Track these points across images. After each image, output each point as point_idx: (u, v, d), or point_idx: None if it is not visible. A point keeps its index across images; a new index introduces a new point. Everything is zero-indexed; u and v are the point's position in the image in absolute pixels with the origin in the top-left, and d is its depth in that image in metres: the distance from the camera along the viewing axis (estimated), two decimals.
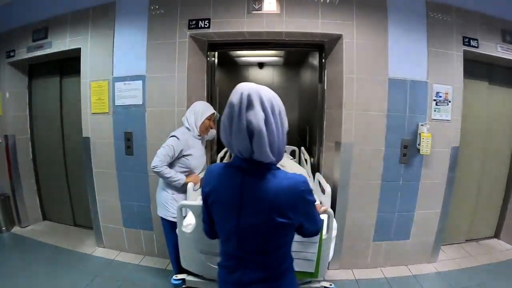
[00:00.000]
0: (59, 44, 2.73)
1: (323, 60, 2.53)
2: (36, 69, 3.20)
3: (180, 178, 1.92)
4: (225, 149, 2.88)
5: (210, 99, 2.71)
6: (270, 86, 4.00)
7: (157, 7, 2.40)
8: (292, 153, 3.34)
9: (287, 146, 3.42)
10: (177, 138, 1.93)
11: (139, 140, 2.50)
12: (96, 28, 2.59)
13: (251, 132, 0.84)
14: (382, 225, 2.48)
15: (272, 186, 0.88)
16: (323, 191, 2.06)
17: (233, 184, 0.92)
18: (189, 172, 2.01)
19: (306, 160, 2.85)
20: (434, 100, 2.38)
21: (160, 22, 2.41)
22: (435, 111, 2.39)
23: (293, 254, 1.05)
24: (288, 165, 2.69)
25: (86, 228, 3.14)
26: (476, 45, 2.45)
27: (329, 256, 1.51)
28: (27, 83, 3.25)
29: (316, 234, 1.07)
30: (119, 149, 2.57)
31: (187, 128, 2.04)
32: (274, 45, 2.55)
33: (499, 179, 2.97)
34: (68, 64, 2.92)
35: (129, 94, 2.51)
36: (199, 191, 1.93)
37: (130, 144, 2.53)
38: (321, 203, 1.96)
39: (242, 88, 0.87)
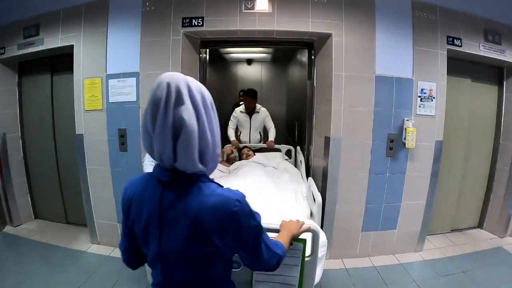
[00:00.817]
0: (51, 41, 2.75)
1: (313, 58, 2.65)
2: (27, 67, 3.21)
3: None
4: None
5: None
6: (259, 82, 4.10)
7: (150, 5, 2.47)
8: (288, 153, 3.48)
9: (283, 145, 3.26)
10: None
11: (133, 137, 2.57)
12: (89, 25, 2.63)
13: (177, 132, 0.69)
14: (370, 216, 2.62)
15: (194, 204, 0.71)
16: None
17: (152, 199, 0.76)
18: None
19: (301, 161, 2.92)
20: (419, 96, 2.53)
21: (154, 20, 2.47)
22: (420, 107, 2.54)
23: (271, 278, 0.98)
24: (282, 167, 2.78)
25: (79, 226, 3.18)
26: (459, 44, 2.61)
27: (316, 279, 1.35)
28: (17, 80, 3.25)
29: (266, 270, 0.87)
30: (113, 146, 2.63)
31: None
32: (265, 43, 2.66)
33: (481, 172, 3.16)
34: (60, 61, 2.94)
35: (123, 91, 2.57)
36: None
37: (124, 140, 2.59)
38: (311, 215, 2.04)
39: (167, 79, 0.70)
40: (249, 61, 5.30)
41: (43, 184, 3.35)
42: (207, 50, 2.77)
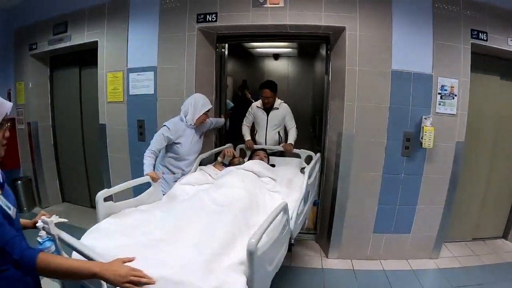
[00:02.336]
0: (78, 37, 3.03)
1: (329, 52, 2.67)
2: (57, 61, 3.55)
3: (145, 169, 2.04)
4: (225, 146, 2.76)
5: (220, 89, 2.93)
6: (285, 76, 4.16)
7: (167, 1, 2.63)
8: (308, 160, 2.75)
9: (303, 150, 2.75)
10: (168, 128, 2.19)
11: (150, 127, 2.76)
12: (111, 22, 2.85)
13: None
14: (382, 217, 2.59)
15: None
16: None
17: None
18: (178, 158, 2.29)
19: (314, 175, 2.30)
20: (439, 93, 2.45)
21: (171, 16, 2.63)
22: (439, 104, 2.46)
23: None
24: (285, 179, 2.24)
25: None
26: (485, 38, 2.48)
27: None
28: (49, 74, 3.60)
29: None
30: (132, 135, 2.84)
31: (182, 118, 2.29)
32: (280, 37, 2.72)
33: (508, 178, 2.98)
34: (87, 56, 3.21)
35: (142, 84, 2.77)
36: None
37: (143, 130, 2.80)
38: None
39: None
40: (276, 56, 5.37)
41: (71, 169, 3.69)
42: (226, 45, 2.88)
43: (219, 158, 2.56)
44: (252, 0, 2.42)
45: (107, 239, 1.32)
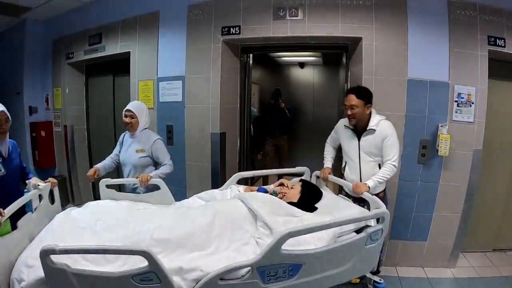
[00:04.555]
0: (111, 48, 3.41)
1: (348, 61, 2.87)
2: (92, 69, 3.97)
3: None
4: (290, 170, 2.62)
5: (244, 97, 3.20)
6: (311, 85, 4.30)
7: (194, 15, 2.94)
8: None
9: (375, 197, 1.89)
10: (122, 134, 2.51)
11: (178, 132, 3.07)
12: (143, 34, 3.20)
13: None
14: (398, 224, 2.70)
15: None
16: None
17: None
18: (122, 168, 2.46)
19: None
20: (456, 101, 2.57)
21: (197, 29, 2.94)
22: (456, 112, 2.58)
23: None
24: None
25: None
26: (503, 45, 2.57)
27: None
28: (84, 81, 4.03)
29: None
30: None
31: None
32: (301, 47, 2.96)
33: None
34: (120, 65, 3.58)
35: (171, 92, 3.09)
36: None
37: (171, 135, 3.11)
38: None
39: None
40: (301, 65, 5.60)
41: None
42: (251, 55, 3.16)
43: (272, 187, 2.24)
44: (272, 14, 2.67)
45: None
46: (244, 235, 1.58)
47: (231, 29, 2.80)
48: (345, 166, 2.35)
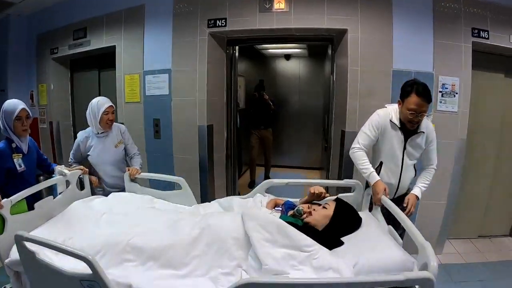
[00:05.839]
0: (97, 42, 3.40)
1: (333, 53, 2.92)
2: (77, 64, 3.94)
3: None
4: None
5: (231, 89, 3.23)
6: (297, 76, 4.34)
7: (179, 8, 2.95)
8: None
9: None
10: (79, 138, 2.27)
11: (165, 126, 3.09)
12: (128, 28, 3.20)
13: None
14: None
15: None
16: None
17: None
18: (97, 170, 2.28)
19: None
20: (440, 91, 2.66)
21: (183, 22, 2.95)
22: (440, 102, 2.67)
23: None
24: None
25: None
26: (486, 37, 2.67)
27: None
28: (69, 76, 4.01)
29: None
30: (149, 133, 3.19)
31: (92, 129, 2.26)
32: (287, 39, 3.00)
33: None
34: (105, 59, 3.57)
35: (157, 86, 3.10)
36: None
37: (158, 129, 3.13)
38: None
39: None
40: (287, 57, 5.67)
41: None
42: (237, 47, 3.19)
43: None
44: (258, 6, 2.71)
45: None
46: (229, 263, 1.29)
47: (217, 21, 2.83)
48: (379, 168, 1.98)
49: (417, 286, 1.07)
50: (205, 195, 2.95)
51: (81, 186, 2.08)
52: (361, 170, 1.89)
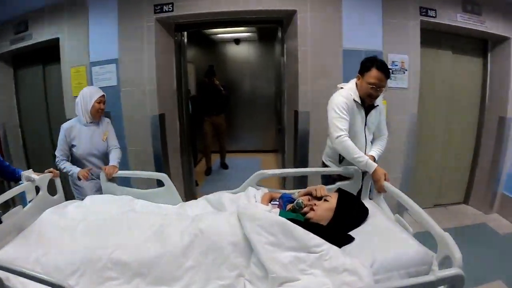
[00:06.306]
0: (39, 35, 3.18)
1: (284, 35, 2.91)
2: (20, 60, 3.68)
3: (73, 170, 2.08)
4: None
5: (180, 77, 3.13)
6: (247, 61, 4.25)
7: None
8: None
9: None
10: (63, 130, 2.14)
11: (116, 118, 2.92)
12: (71, 18, 3.02)
13: None
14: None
15: None
16: None
17: None
18: (82, 163, 2.16)
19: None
20: (390, 69, 2.69)
21: (129, 9, 2.82)
22: (391, 79, 2.71)
23: None
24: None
25: None
26: (434, 15, 2.76)
27: None
28: (12, 74, 3.74)
29: None
30: None
31: (78, 118, 2.19)
32: (237, 22, 2.95)
33: (466, 146, 3.28)
34: (49, 53, 3.36)
35: (105, 77, 2.95)
36: None
37: None
38: None
39: None
40: (237, 41, 5.61)
41: (42, 168, 3.83)
42: (185, 33, 3.10)
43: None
44: None
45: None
46: (229, 273, 1.15)
47: (164, 6, 2.72)
48: None
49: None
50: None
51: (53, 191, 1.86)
52: (355, 159, 1.76)
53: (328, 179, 1.97)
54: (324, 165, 2.12)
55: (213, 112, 4.45)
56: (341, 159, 1.98)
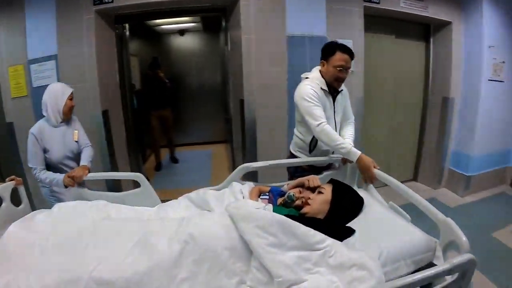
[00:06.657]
0: None
1: (227, 24, 2.90)
2: None
3: (57, 178, 1.85)
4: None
5: (123, 71, 3.05)
6: (192, 52, 4.14)
7: None
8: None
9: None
10: (33, 135, 1.90)
11: None
12: (6, 13, 2.85)
13: None
14: None
15: None
16: None
17: None
18: (58, 168, 1.97)
19: None
20: None
21: (67, 2, 2.70)
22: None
23: None
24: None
25: None
26: (377, 1, 2.85)
27: None
28: None
29: None
30: None
31: (46, 119, 2.00)
32: (179, 12, 2.90)
33: (412, 127, 3.43)
34: None
35: (44, 75, 2.81)
36: None
37: None
38: None
39: None
40: (182, 32, 5.51)
41: None
42: (127, 25, 3.02)
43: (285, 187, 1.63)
44: None
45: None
46: (229, 280, 1.06)
47: None
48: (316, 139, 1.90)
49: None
50: (112, 186, 2.75)
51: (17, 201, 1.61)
52: (337, 146, 1.72)
53: (294, 172, 1.94)
54: (292, 156, 2.06)
55: (159, 106, 4.30)
56: (311, 149, 1.94)
